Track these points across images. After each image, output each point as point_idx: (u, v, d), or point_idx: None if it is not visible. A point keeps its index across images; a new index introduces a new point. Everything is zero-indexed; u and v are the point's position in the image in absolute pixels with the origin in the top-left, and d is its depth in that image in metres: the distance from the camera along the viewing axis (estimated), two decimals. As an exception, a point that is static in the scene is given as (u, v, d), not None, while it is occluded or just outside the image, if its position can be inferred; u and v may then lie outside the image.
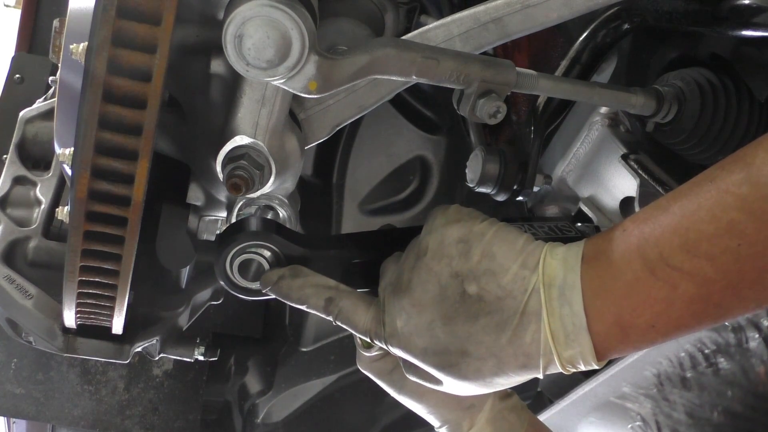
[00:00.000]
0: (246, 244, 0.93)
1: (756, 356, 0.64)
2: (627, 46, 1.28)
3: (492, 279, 0.79)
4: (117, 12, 0.70)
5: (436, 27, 1.00)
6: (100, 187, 0.78)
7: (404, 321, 0.83)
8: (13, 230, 1.21)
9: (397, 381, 1.00)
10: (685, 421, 0.63)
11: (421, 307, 0.82)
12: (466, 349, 0.80)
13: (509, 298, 0.78)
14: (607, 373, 1.36)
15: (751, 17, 1.02)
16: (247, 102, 0.91)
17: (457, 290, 0.81)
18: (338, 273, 0.98)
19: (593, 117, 1.33)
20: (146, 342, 1.11)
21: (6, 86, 1.95)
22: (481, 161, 1.35)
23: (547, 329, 0.76)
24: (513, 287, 0.79)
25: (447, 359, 0.82)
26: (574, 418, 1.53)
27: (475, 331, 0.79)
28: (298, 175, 1.05)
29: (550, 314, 0.76)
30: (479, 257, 0.81)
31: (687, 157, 1.22)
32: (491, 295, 0.79)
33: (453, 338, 0.80)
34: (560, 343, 0.76)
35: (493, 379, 0.82)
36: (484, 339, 0.79)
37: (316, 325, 2.21)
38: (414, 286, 0.83)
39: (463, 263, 0.81)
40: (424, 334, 0.82)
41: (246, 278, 0.94)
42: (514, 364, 0.79)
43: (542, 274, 0.78)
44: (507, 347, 0.78)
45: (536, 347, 0.78)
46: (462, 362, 0.81)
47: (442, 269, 0.82)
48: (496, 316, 0.79)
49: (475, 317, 0.79)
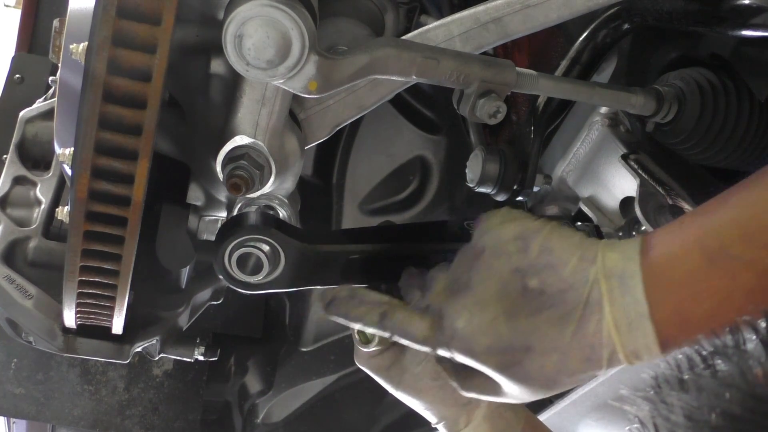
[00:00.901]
0: (245, 238, 0.93)
1: (753, 358, 0.64)
2: (627, 46, 1.28)
3: (552, 272, 0.79)
4: (117, 12, 0.70)
5: (436, 27, 1.00)
6: (100, 187, 0.78)
7: (466, 321, 0.82)
8: (13, 230, 1.21)
9: (394, 377, 1.01)
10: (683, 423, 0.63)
11: (483, 305, 0.82)
12: (530, 344, 0.79)
13: (571, 291, 0.78)
14: (607, 374, 1.36)
15: (751, 17, 1.02)
16: (247, 102, 0.91)
17: (518, 285, 0.80)
18: (337, 268, 0.98)
19: (593, 117, 1.33)
20: (146, 342, 1.11)
21: (6, 86, 1.95)
22: (481, 161, 1.35)
23: (609, 318, 0.76)
24: (574, 279, 0.78)
25: (510, 357, 0.81)
26: (574, 418, 1.53)
27: (538, 324, 0.79)
28: (298, 175, 1.05)
29: (612, 303, 0.76)
30: (538, 252, 0.81)
31: (687, 157, 1.22)
32: (553, 288, 0.79)
33: (517, 334, 0.80)
34: (623, 331, 0.76)
35: (556, 377, 0.81)
36: (548, 332, 0.79)
37: (316, 325, 2.21)
38: (474, 285, 0.83)
39: (522, 259, 0.81)
40: (487, 332, 0.81)
41: (244, 272, 0.94)
42: (578, 357, 0.78)
43: (602, 265, 0.78)
44: (571, 340, 0.78)
45: (599, 338, 0.77)
46: (525, 359, 0.80)
47: (502, 266, 0.82)
48: (559, 308, 0.78)
49: (538, 311, 0.79)
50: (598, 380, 1.40)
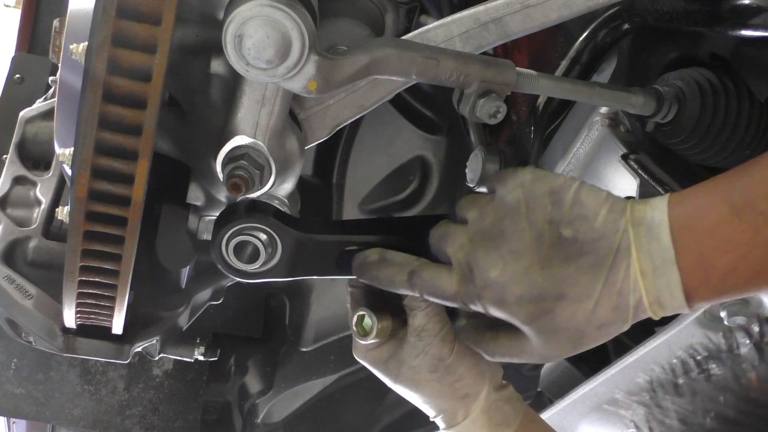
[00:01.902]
0: (242, 226, 0.92)
1: (747, 362, 0.64)
2: (627, 46, 1.28)
3: (585, 222, 0.82)
4: (117, 12, 0.70)
5: (436, 27, 1.00)
6: (100, 187, 0.78)
7: (500, 270, 0.84)
8: (13, 230, 1.21)
9: (392, 370, 1.01)
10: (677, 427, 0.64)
11: (518, 253, 0.84)
12: (563, 291, 0.82)
13: (603, 239, 0.81)
14: (607, 373, 1.36)
15: (751, 17, 1.02)
16: (247, 102, 0.91)
17: (553, 235, 0.83)
18: (333, 258, 0.98)
19: (593, 117, 1.33)
20: (146, 342, 1.11)
21: (6, 86, 1.95)
22: (481, 161, 1.35)
23: (636, 264, 0.79)
24: (605, 229, 0.81)
25: (542, 306, 0.83)
26: (574, 418, 1.53)
27: (572, 272, 0.82)
28: (298, 175, 1.05)
29: (639, 250, 0.79)
30: (570, 204, 0.83)
31: (687, 157, 1.22)
32: (586, 237, 0.82)
33: (550, 281, 0.82)
34: (648, 277, 0.79)
35: (585, 328, 0.83)
36: (581, 279, 0.81)
37: (316, 325, 2.21)
38: (509, 235, 0.84)
39: (556, 211, 0.83)
40: (520, 280, 0.83)
41: (241, 260, 0.94)
42: (607, 304, 0.81)
43: (630, 215, 0.81)
44: (602, 286, 0.81)
45: (627, 284, 0.80)
46: (557, 307, 0.82)
47: (537, 218, 0.84)
48: (591, 256, 0.81)
49: (571, 259, 0.82)
50: (598, 380, 1.40)
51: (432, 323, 0.96)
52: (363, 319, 0.99)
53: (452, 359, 0.97)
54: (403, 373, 0.99)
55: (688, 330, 1.21)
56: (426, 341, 0.97)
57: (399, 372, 1.00)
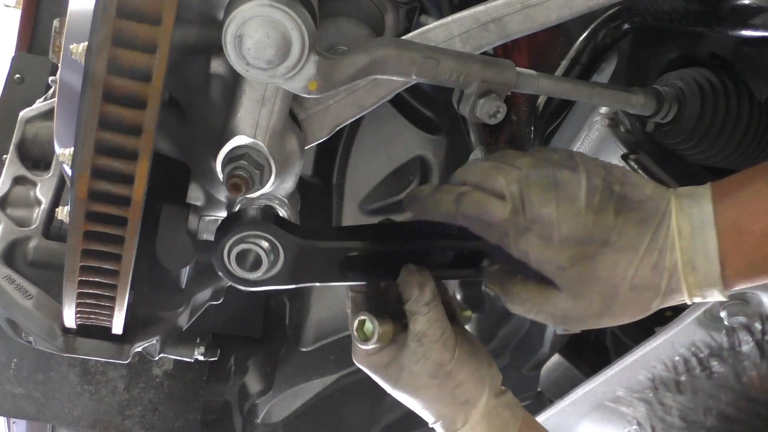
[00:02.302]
0: (243, 234, 0.92)
1: (749, 360, 0.65)
2: (627, 46, 1.28)
3: (635, 188, 0.87)
4: (117, 12, 0.70)
5: (436, 27, 1.00)
6: (100, 187, 0.78)
7: (553, 207, 0.86)
8: (13, 230, 1.21)
9: (392, 375, 1.00)
10: (678, 425, 0.64)
11: (572, 197, 0.86)
12: (610, 238, 0.84)
13: (651, 201, 0.86)
14: (607, 373, 1.36)
15: (751, 17, 1.02)
16: (247, 102, 0.91)
17: (607, 189, 0.86)
18: (336, 265, 0.98)
19: (593, 117, 1.33)
20: (146, 342, 1.11)
21: (6, 86, 1.95)
22: (481, 161, 1.35)
23: (674, 225, 0.83)
24: (653, 194, 0.86)
25: (586, 249, 0.85)
26: (574, 418, 1.53)
27: (621, 222, 0.85)
28: (298, 175, 1.05)
29: (679, 211, 0.84)
30: (621, 174, 0.88)
31: (687, 157, 1.22)
32: (635, 197, 0.86)
33: (599, 227, 0.85)
34: (685, 237, 0.82)
35: (620, 285, 0.85)
36: (628, 230, 0.84)
37: (316, 325, 2.21)
38: (565, 182, 0.87)
39: (608, 174, 0.88)
40: (571, 221, 0.85)
41: (243, 268, 0.94)
42: (647, 261, 0.84)
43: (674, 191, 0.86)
44: (647, 240, 0.84)
45: (667, 242, 0.83)
46: (600, 253, 0.84)
47: (591, 175, 0.87)
48: (639, 212, 0.85)
49: (621, 211, 0.85)
50: (598, 380, 1.40)
51: (433, 328, 0.96)
52: (364, 324, 0.99)
53: (453, 365, 0.97)
54: (402, 379, 0.99)
55: (689, 329, 1.21)
56: (427, 347, 0.96)
57: (399, 377, 0.99)
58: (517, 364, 1.94)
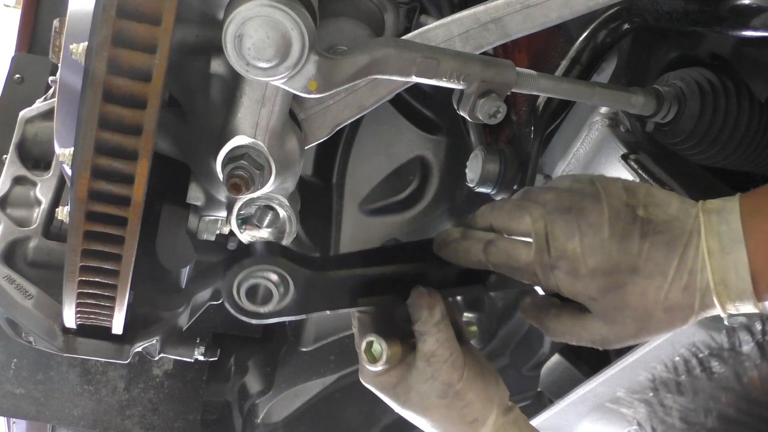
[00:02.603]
0: (252, 269, 0.92)
1: (749, 360, 0.64)
2: (627, 46, 1.28)
3: (659, 208, 0.86)
4: (117, 12, 0.70)
5: (436, 27, 1.00)
6: (100, 187, 0.78)
7: (577, 241, 0.86)
8: (13, 230, 1.21)
9: (400, 395, 1.00)
10: (679, 426, 0.64)
11: (596, 227, 0.86)
12: (637, 265, 0.84)
13: (676, 221, 0.85)
14: (607, 373, 1.36)
15: (751, 17, 1.02)
16: (247, 102, 0.91)
17: (629, 214, 0.86)
18: (346, 292, 0.98)
19: (593, 117, 1.33)
20: (146, 342, 1.11)
21: (6, 86, 1.95)
22: (481, 161, 1.36)
23: (704, 243, 0.82)
24: (678, 213, 0.85)
25: (615, 279, 0.85)
26: (574, 418, 1.53)
27: (646, 247, 0.84)
28: (298, 175, 1.05)
29: (708, 230, 0.83)
30: (644, 194, 0.88)
31: (687, 157, 1.22)
32: (660, 219, 0.85)
33: (625, 254, 0.85)
34: (715, 256, 0.82)
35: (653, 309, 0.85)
36: (655, 255, 0.84)
37: (316, 325, 2.21)
38: (588, 211, 0.87)
39: (631, 197, 0.87)
40: (597, 252, 0.85)
41: (254, 303, 0.94)
42: (678, 283, 0.83)
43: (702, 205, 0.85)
44: (675, 262, 0.83)
45: (697, 263, 0.83)
46: (629, 282, 0.84)
47: (614, 200, 0.87)
48: (666, 235, 0.84)
49: (646, 235, 0.85)
50: (598, 380, 1.40)
51: (442, 349, 0.96)
52: (372, 345, 0.98)
53: (461, 385, 0.97)
54: (411, 399, 0.99)
55: (689, 330, 1.21)
56: (435, 367, 0.96)
57: (407, 397, 0.99)
58: (517, 364, 1.94)
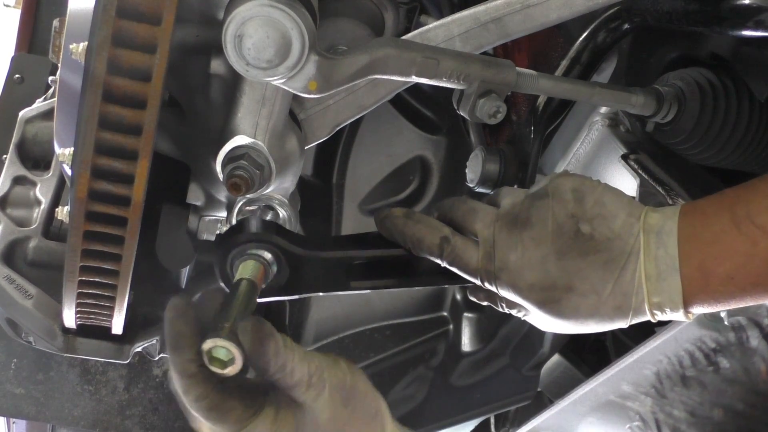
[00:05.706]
0: (246, 246, 0.92)
1: (758, 354, 0.64)
2: (627, 46, 1.28)
3: (603, 222, 0.86)
4: (117, 12, 0.70)
5: (436, 27, 1.00)
6: (100, 187, 0.78)
7: (519, 254, 0.88)
8: (13, 230, 1.21)
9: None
10: (685, 419, 0.64)
11: (538, 241, 0.87)
12: (573, 284, 0.86)
13: (618, 240, 0.85)
14: (608, 373, 1.36)
15: (751, 17, 1.02)
16: (247, 102, 0.91)
17: (572, 228, 0.87)
18: (340, 274, 0.97)
19: (593, 117, 1.33)
20: (146, 342, 1.11)
21: (6, 86, 1.95)
22: (481, 161, 1.35)
23: (642, 269, 0.83)
24: (622, 231, 0.85)
25: (551, 295, 0.87)
26: (574, 418, 1.53)
27: (584, 266, 0.86)
28: (298, 175, 1.05)
29: (647, 255, 0.84)
30: (592, 204, 0.88)
31: (687, 157, 1.22)
32: (602, 236, 0.86)
33: (563, 273, 0.86)
34: (652, 281, 0.83)
35: (586, 320, 0.87)
36: (591, 275, 0.85)
37: (316, 325, 2.21)
38: (534, 222, 0.88)
39: (578, 207, 0.88)
40: (535, 268, 0.87)
41: None
42: (611, 303, 0.85)
43: (643, 221, 0.85)
44: (610, 285, 0.85)
45: (632, 286, 0.84)
46: (564, 298, 0.86)
47: (559, 210, 0.88)
48: (605, 254, 0.85)
49: (586, 254, 0.86)
50: (598, 380, 1.40)
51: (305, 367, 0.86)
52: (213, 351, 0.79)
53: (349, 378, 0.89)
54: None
55: (690, 329, 1.21)
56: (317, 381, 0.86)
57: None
58: (517, 364, 1.94)
